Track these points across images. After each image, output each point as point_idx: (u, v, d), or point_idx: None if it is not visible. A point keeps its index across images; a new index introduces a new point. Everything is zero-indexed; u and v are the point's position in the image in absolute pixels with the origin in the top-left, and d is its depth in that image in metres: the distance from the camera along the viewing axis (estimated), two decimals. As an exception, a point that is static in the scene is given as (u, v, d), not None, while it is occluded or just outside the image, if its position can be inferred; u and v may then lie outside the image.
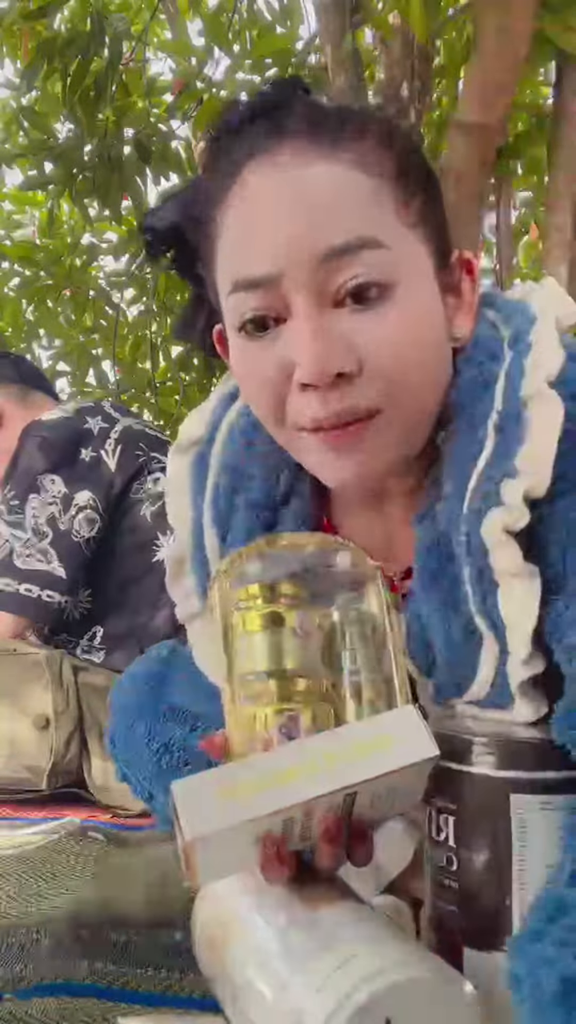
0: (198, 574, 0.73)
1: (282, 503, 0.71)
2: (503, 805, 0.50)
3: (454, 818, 0.52)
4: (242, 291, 0.58)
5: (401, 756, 0.50)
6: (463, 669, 0.60)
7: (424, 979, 0.44)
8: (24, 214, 3.30)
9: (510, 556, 0.55)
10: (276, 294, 0.57)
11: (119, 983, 0.68)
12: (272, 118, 0.60)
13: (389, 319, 0.56)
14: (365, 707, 0.59)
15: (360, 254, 0.55)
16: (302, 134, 0.58)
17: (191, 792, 0.49)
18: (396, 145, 0.60)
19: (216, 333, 0.69)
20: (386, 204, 0.58)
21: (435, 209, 0.62)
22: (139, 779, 0.77)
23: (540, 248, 2.03)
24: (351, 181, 0.57)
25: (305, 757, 0.50)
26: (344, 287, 0.56)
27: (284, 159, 0.57)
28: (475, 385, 0.61)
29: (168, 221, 0.67)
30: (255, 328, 0.58)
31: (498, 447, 0.57)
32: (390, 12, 1.94)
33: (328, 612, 0.62)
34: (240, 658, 0.58)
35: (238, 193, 0.59)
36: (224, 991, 0.53)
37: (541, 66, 2.03)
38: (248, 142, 0.59)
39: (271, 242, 0.56)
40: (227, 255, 0.60)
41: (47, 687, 1.30)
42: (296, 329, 0.57)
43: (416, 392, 0.59)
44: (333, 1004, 0.43)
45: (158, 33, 2.78)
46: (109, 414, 1.48)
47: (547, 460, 0.54)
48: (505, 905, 0.50)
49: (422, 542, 0.62)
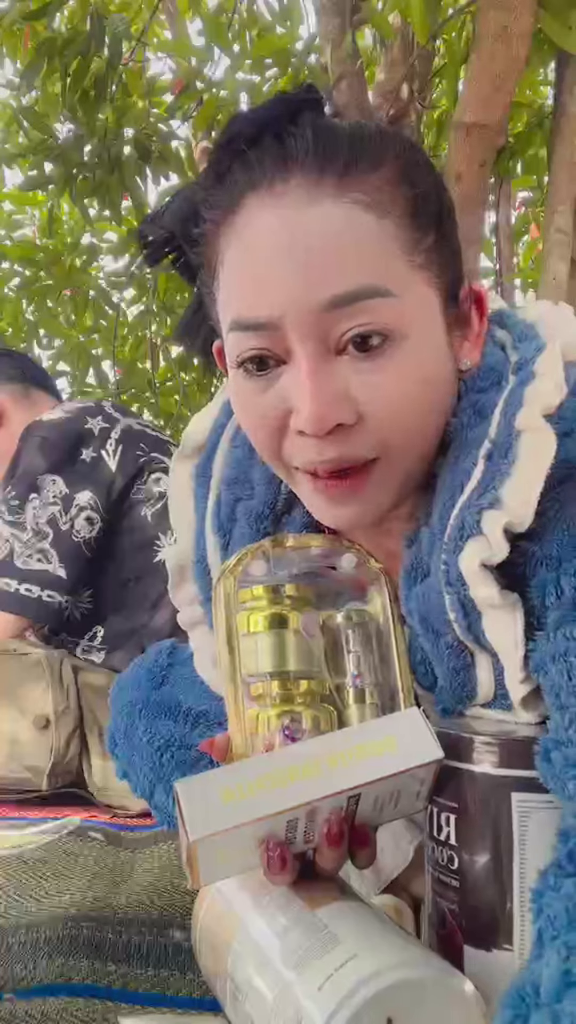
0: (200, 582, 0.72)
1: (283, 512, 0.69)
2: (505, 804, 0.50)
3: (455, 816, 0.52)
4: (241, 331, 0.56)
5: (405, 759, 0.50)
6: (462, 689, 0.59)
7: (425, 979, 0.44)
8: (24, 214, 3.31)
9: (488, 589, 0.53)
10: (276, 338, 0.55)
11: (119, 983, 0.68)
12: (279, 141, 0.55)
13: (391, 369, 0.55)
14: (368, 709, 0.59)
15: (365, 303, 0.53)
16: (310, 167, 0.54)
17: (195, 792, 0.49)
18: (410, 178, 0.56)
19: (216, 348, 0.67)
20: (395, 248, 0.55)
21: (447, 242, 0.59)
22: (139, 777, 0.77)
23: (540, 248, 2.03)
24: (359, 224, 0.54)
25: (308, 759, 0.50)
26: (346, 335, 0.54)
27: (289, 197, 0.54)
28: (472, 411, 0.59)
29: (166, 233, 0.64)
30: (255, 367, 0.57)
31: (484, 476, 0.56)
32: (390, 12, 1.94)
33: (332, 614, 0.61)
34: (243, 659, 0.58)
35: (239, 227, 0.56)
36: (224, 991, 0.53)
37: (541, 66, 2.03)
38: (251, 168, 0.56)
39: (272, 288, 0.54)
40: (228, 291, 0.57)
41: (47, 687, 1.30)
42: (296, 377, 0.55)
43: (415, 440, 0.58)
44: (334, 1004, 0.42)
45: (158, 33, 2.79)
46: (110, 414, 1.48)
47: (532, 495, 0.53)
48: (506, 904, 0.50)
49: (406, 567, 0.61)
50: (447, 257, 0.59)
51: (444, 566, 0.56)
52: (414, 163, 0.58)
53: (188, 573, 0.73)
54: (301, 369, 0.55)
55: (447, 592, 0.56)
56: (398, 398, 0.55)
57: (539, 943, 0.43)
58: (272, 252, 0.54)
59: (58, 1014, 0.62)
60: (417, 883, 0.71)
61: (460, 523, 0.55)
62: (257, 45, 2.22)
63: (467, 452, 0.58)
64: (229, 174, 0.57)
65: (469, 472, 0.57)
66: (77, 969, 0.69)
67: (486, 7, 1.53)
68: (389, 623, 0.61)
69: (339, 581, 0.63)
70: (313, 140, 0.55)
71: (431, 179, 0.59)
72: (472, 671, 0.58)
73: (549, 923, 0.43)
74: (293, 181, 0.54)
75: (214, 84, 2.19)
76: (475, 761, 0.52)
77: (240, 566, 0.61)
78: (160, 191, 2.59)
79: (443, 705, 0.61)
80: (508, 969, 0.49)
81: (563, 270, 1.78)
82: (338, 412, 0.54)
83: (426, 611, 0.59)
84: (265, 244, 0.54)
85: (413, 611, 0.60)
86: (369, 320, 0.53)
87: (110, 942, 0.74)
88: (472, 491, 0.56)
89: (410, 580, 0.61)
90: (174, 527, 0.75)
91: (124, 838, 1.11)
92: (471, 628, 0.56)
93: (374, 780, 0.49)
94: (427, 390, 0.57)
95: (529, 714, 0.56)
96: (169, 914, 0.81)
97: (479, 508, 0.54)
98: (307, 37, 2.28)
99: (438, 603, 0.57)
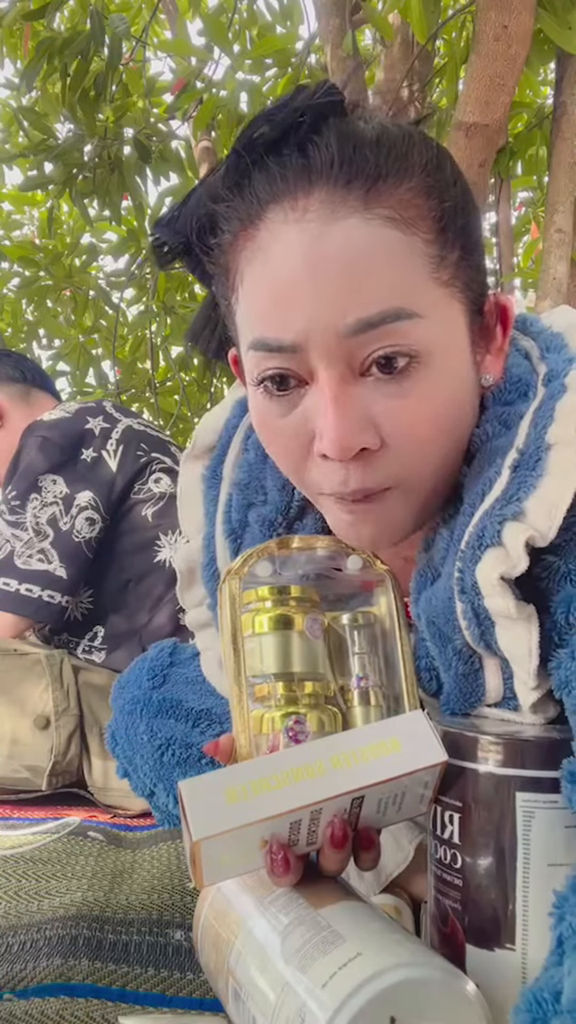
0: (209, 586, 0.71)
1: (296, 519, 0.69)
2: (508, 803, 0.50)
3: (459, 815, 0.52)
4: (263, 351, 0.54)
5: (409, 761, 0.50)
6: (470, 694, 0.59)
7: (427, 978, 0.44)
8: (24, 214, 3.31)
9: (504, 602, 0.52)
10: (299, 360, 0.54)
11: (119, 983, 0.68)
12: (301, 152, 0.53)
13: (416, 392, 0.53)
14: (373, 711, 0.59)
15: (391, 326, 0.52)
16: (335, 180, 0.52)
17: (199, 792, 0.48)
18: (438, 190, 0.54)
19: (232, 357, 0.66)
20: (421, 266, 0.53)
21: (473, 255, 0.57)
22: (140, 776, 0.77)
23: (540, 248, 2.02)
24: (385, 242, 0.52)
25: (312, 760, 0.50)
26: (371, 356, 0.53)
27: (313, 213, 0.52)
28: (498, 422, 0.58)
29: (182, 238, 0.61)
30: (276, 386, 0.55)
31: (509, 487, 0.54)
32: (390, 12, 1.94)
33: (337, 615, 0.61)
34: (248, 660, 0.58)
35: (261, 242, 0.54)
36: (226, 990, 0.53)
37: (541, 66, 2.03)
38: (274, 181, 0.53)
39: (296, 309, 0.52)
40: (249, 309, 0.56)
41: (47, 687, 1.30)
42: (319, 400, 0.54)
43: (438, 463, 0.57)
44: (336, 1003, 0.42)
45: (158, 33, 2.79)
46: (110, 414, 1.48)
47: (559, 509, 0.51)
48: (508, 904, 0.50)
49: (419, 570, 0.61)
50: (472, 271, 0.57)
51: (459, 573, 0.55)
52: (442, 173, 0.55)
53: (197, 575, 0.73)
54: (325, 393, 0.53)
55: (460, 600, 0.55)
56: (423, 425, 0.54)
57: (559, 949, 0.43)
58: (295, 272, 0.52)
59: (58, 1014, 0.62)
60: (417, 883, 0.71)
61: (480, 531, 0.54)
62: (257, 45, 2.22)
63: (491, 461, 0.57)
64: (249, 185, 0.55)
65: (492, 481, 0.55)
66: (77, 969, 0.69)
67: (486, 7, 1.53)
68: (395, 625, 0.60)
69: (345, 583, 0.63)
70: (338, 151, 0.52)
71: (458, 189, 0.56)
72: (480, 676, 0.58)
73: (572, 931, 0.43)
74: (317, 196, 0.52)
75: (214, 84, 2.19)
76: (480, 760, 0.51)
77: (245, 567, 0.60)
78: (160, 191, 2.59)
79: (449, 708, 0.60)
80: (510, 969, 0.49)
81: (563, 270, 1.78)
82: (361, 437, 0.53)
83: (434, 615, 0.58)
84: (288, 263, 0.52)
85: (422, 615, 0.60)
86: (395, 343, 0.52)
87: (110, 942, 0.74)
88: (495, 500, 0.54)
89: (421, 583, 0.60)
90: (183, 528, 0.74)
91: (124, 838, 1.11)
92: (483, 636, 0.55)
93: (378, 782, 0.49)
94: (451, 411, 0.56)
95: (537, 716, 0.55)
96: (169, 914, 0.81)
97: (501, 518, 0.53)
98: (307, 37, 2.28)
99: (446, 608, 0.57)
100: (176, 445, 1.55)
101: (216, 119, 2.21)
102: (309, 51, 2.20)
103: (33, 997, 0.64)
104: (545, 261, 1.79)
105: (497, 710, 0.58)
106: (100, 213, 2.68)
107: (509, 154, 2.02)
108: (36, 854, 0.99)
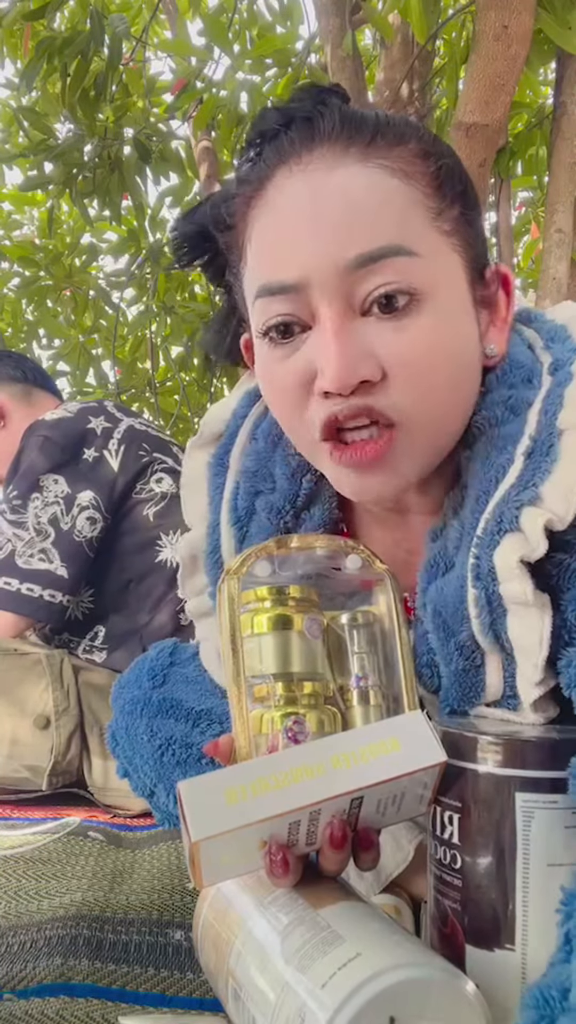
0: (211, 575, 0.72)
1: (303, 508, 0.69)
2: (508, 803, 0.50)
3: (459, 815, 0.52)
4: (268, 296, 0.56)
5: (409, 761, 0.50)
6: (469, 690, 0.59)
7: (427, 978, 0.44)
8: (24, 214, 3.31)
9: (522, 586, 0.53)
10: (302, 301, 0.55)
11: (119, 983, 0.68)
12: (307, 121, 0.57)
13: (416, 328, 0.55)
14: (372, 711, 0.59)
15: (390, 262, 0.53)
16: (336, 139, 0.56)
17: (198, 793, 0.48)
18: (433, 156, 0.57)
19: (244, 342, 0.68)
20: (420, 211, 0.55)
21: (472, 222, 0.59)
22: (140, 776, 0.77)
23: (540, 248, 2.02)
24: (385, 185, 0.55)
25: (312, 760, 0.50)
26: (372, 295, 0.54)
27: (315, 164, 0.55)
28: (504, 407, 0.59)
29: (197, 225, 0.65)
30: (279, 334, 0.57)
31: (524, 473, 0.55)
32: (390, 12, 1.94)
33: (337, 615, 0.61)
34: (247, 660, 0.58)
35: (268, 199, 0.57)
36: (226, 990, 0.53)
37: (541, 66, 2.03)
38: (280, 145, 0.57)
39: (299, 248, 0.54)
40: (255, 260, 0.58)
41: (48, 687, 1.30)
42: (320, 337, 0.55)
43: (440, 405, 0.57)
44: (337, 1003, 0.42)
45: (158, 33, 2.79)
46: (112, 414, 1.48)
47: (575, 493, 0.52)
48: (508, 904, 0.50)
49: (428, 561, 0.61)
50: (472, 234, 0.59)
51: (475, 560, 0.56)
52: (437, 145, 0.59)
53: (200, 563, 0.73)
54: (326, 329, 0.55)
55: (474, 587, 0.56)
56: (423, 357, 0.55)
57: (566, 946, 0.43)
58: (298, 215, 0.55)
59: (58, 1014, 0.62)
60: (417, 883, 0.71)
61: (498, 517, 0.55)
62: (257, 45, 2.22)
63: (500, 448, 0.57)
64: (259, 158, 0.59)
65: (505, 468, 0.56)
66: (77, 969, 0.69)
67: (486, 7, 1.53)
68: (394, 625, 0.60)
69: (344, 582, 0.63)
70: (340, 119, 0.56)
71: (453, 160, 0.60)
72: (480, 672, 0.58)
73: None
74: (319, 152, 0.56)
75: (214, 84, 2.19)
76: (479, 760, 0.51)
77: (244, 567, 0.60)
78: (160, 191, 2.59)
79: (449, 706, 0.60)
80: (510, 969, 0.49)
81: (563, 270, 1.77)
82: (362, 368, 0.54)
83: (442, 606, 0.58)
84: (291, 208, 0.55)
85: (428, 606, 0.60)
86: (395, 279, 0.54)
87: (110, 942, 0.74)
88: (510, 487, 0.55)
89: (430, 574, 0.61)
90: (186, 516, 0.74)
91: (124, 838, 1.11)
92: (492, 625, 0.56)
93: (377, 783, 0.49)
94: (451, 354, 0.57)
95: (537, 715, 0.55)
96: (169, 914, 0.81)
97: (519, 504, 0.54)
98: (307, 37, 2.28)
99: (456, 598, 0.57)
100: (178, 445, 1.55)
101: (216, 119, 2.22)
102: (309, 51, 2.20)
103: (33, 997, 0.64)
104: (545, 261, 1.79)
105: (497, 710, 0.58)
106: (100, 213, 2.68)
107: (509, 154, 2.01)
108: (36, 854, 0.99)
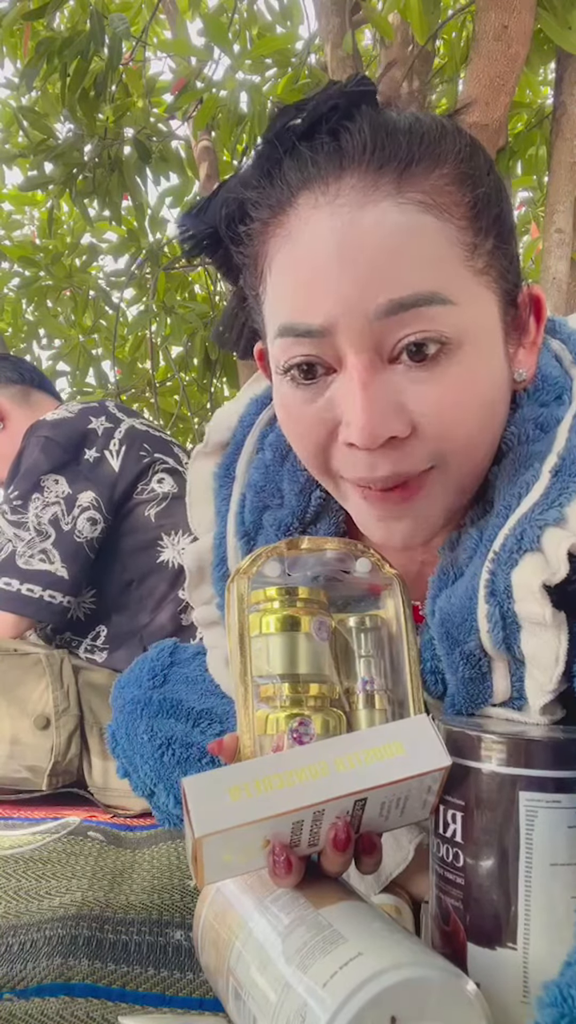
0: (218, 586, 0.71)
1: (312, 522, 0.68)
2: (512, 802, 0.50)
3: (462, 814, 0.52)
4: (290, 337, 0.53)
5: (413, 765, 0.50)
6: (475, 697, 0.59)
7: (428, 977, 0.44)
8: (24, 214, 3.31)
9: (541, 609, 0.51)
10: (328, 345, 0.52)
11: (119, 983, 0.68)
12: (334, 138, 0.52)
13: (447, 380, 0.52)
14: (378, 714, 0.59)
15: (422, 310, 0.50)
16: (367, 165, 0.51)
17: (202, 789, 0.48)
18: (471, 178, 0.53)
19: (258, 352, 0.65)
20: (454, 251, 0.51)
21: (506, 246, 0.56)
22: (140, 776, 0.77)
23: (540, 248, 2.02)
24: (418, 226, 0.50)
25: (316, 761, 0.49)
26: (401, 342, 0.51)
27: (344, 197, 0.51)
28: (534, 425, 0.57)
29: (211, 228, 0.60)
30: (302, 375, 0.54)
31: (550, 491, 0.53)
32: (390, 12, 1.94)
33: (345, 618, 0.61)
34: (254, 660, 0.58)
35: (291, 228, 0.53)
36: (227, 990, 0.53)
37: (541, 66, 2.03)
38: (305, 167, 0.52)
39: (326, 292, 0.51)
40: (277, 295, 0.54)
41: (48, 687, 1.30)
42: (348, 387, 0.52)
43: (470, 452, 0.55)
44: (338, 1002, 0.42)
45: (158, 33, 2.79)
46: (113, 414, 1.48)
47: None
48: (511, 903, 0.50)
49: (441, 569, 0.60)
50: (506, 261, 0.56)
51: (489, 575, 0.54)
52: (475, 163, 0.54)
53: (207, 575, 0.72)
54: (353, 379, 0.52)
55: (487, 603, 0.54)
56: (454, 409, 0.53)
57: None
58: (326, 255, 0.51)
59: (58, 1014, 0.62)
60: (417, 883, 0.71)
61: (518, 535, 0.53)
62: (257, 45, 2.22)
63: (527, 464, 0.56)
64: (279, 171, 0.53)
65: (529, 485, 0.54)
66: (77, 969, 0.68)
67: (486, 7, 1.53)
68: (402, 629, 0.60)
69: (353, 585, 0.63)
70: (371, 137, 0.51)
71: (491, 179, 0.55)
72: (488, 679, 0.58)
73: None
74: (349, 181, 0.51)
75: (214, 84, 2.19)
76: (483, 759, 0.51)
77: (254, 567, 0.60)
78: (160, 191, 2.59)
79: (455, 710, 0.60)
80: (512, 968, 0.49)
81: (563, 270, 1.78)
82: (391, 425, 0.52)
83: (449, 615, 0.57)
84: (318, 247, 0.51)
85: (436, 614, 0.59)
86: (426, 328, 0.51)
87: (110, 942, 0.74)
88: (534, 504, 0.53)
89: (442, 581, 0.60)
90: (193, 525, 0.73)
91: (124, 838, 1.11)
92: (505, 640, 0.55)
93: (381, 785, 0.49)
94: (483, 401, 0.55)
95: (544, 717, 0.55)
96: (169, 914, 0.81)
97: (542, 523, 0.52)
98: (307, 37, 2.28)
99: (463, 608, 0.56)
100: (179, 446, 1.55)
101: (216, 119, 2.21)
102: (309, 51, 2.20)
103: (33, 997, 0.64)
104: (545, 261, 1.79)
105: (501, 709, 0.58)
106: (100, 213, 2.68)
107: (509, 154, 2.02)
108: (36, 854, 0.99)
